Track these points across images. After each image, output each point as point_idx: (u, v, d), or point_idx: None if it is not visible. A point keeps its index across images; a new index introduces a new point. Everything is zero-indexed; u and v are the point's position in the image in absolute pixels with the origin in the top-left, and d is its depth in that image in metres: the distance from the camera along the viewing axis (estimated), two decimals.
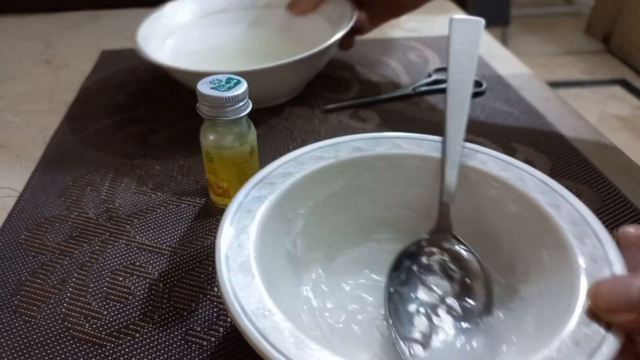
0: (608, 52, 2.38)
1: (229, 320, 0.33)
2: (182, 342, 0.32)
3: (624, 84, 2.13)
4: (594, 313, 0.24)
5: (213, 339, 0.32)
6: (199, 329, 0.32)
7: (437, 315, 0.30)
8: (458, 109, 0.36)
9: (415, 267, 0.32)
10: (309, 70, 0.56)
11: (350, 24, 0.54)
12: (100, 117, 0.56)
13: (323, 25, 0.61)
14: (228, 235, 0.28)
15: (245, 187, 0.31)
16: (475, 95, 0.60)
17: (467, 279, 0.31)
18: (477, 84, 0.62)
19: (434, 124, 0.54)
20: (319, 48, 0.51)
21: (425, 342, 0.29)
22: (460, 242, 0.32)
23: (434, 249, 0.33)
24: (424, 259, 0.33)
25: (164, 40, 0.59)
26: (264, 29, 0.65)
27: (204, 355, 0.31)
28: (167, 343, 0.32)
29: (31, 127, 0.55)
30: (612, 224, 0.40)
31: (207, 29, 0.64)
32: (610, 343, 0.22)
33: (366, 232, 0.36)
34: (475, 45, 0.39)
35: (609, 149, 0.50)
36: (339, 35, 0.53)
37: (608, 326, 0.23)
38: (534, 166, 0.45)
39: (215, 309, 0.34)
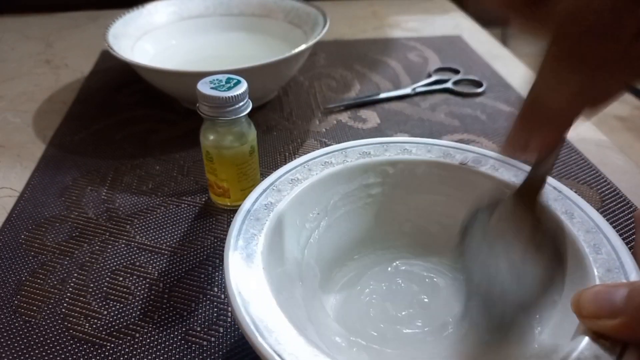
0: None
1: (229, 320, 0.33)
2: (182, 342, 0.32)
3: None
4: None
5: (213, 339, 0.32)
6: (199, 329, 0.32)
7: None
8: None
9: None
10: (280, 74, 0.55)
11: (323, 32, 0.54)
12: (100, 117, 0.56)
13: (295, 32, 0.61)
14: (237, 245, 0.27)
15: (252, 194, 0.31)
16: (475, 95, 0.60)
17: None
18: (477, 84, 0.62)
19: (434, 124, 0.54)
20: (295, 51, 0.50)
21: None
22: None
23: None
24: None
25: (136, 41, 0.59)
26: (237, 35, 0.65)
27: (204, 355, 0.31)
28: (167, 343, 0.32)
29: (31, 127, 0.55)
30: (612, 224, 0.40)
31: (181, 33, 0.64)
32: (632, 353, 0.22)
33: (375, 239, 0.35)
34: None
35: (609, 149, 0.50)
36: (313, 41, 0.53)
37: None
38: None
39: (215, 309, 0.34)
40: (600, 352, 0.22)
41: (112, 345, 0.31)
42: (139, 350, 0.31)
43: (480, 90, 0.60)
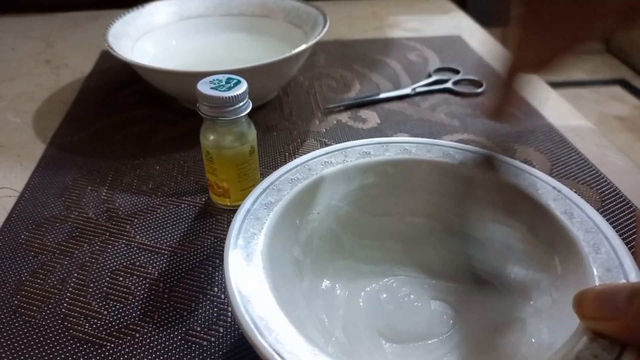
0: (608, 52, 2.38)
1: (229, 320, 0.33)
2: (182, 342, 0.32)
3: (624, 84, 2.13)
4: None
5: (213, 339, 0.32)
6: (199, 329, 0.32)
7: None
8: None
9: None
10: (280, 74, 0.55)
11: (323, 32, 0.54)
12: (100, 117, 0.56)
13: (295, 32, 0.61)
14: (236, 244, 0.27)
15: (252, 194, 0.31)
16: (475, 95, 0.60)
17: None
18: (477, 84, 0.62)
19: (434, 124, 0.54)
20: (295, 51, 0.50)
21: None
22: None
23: None
24: None
25: (136, 41, 0.59)
26: (237, 35, 0.65)
27: (204, 355, 0.31)
28: (167, 343, 0.32)
29: (31, 127, 0.55)
30: (612, 224, 0.40)
31: (181, 33, 0.64)
32: (630, 354, 0.22)
33: (374, 239, 0.35)
34: None
35: (609, 149, 0.50)
36: (313, 41, 0.52)
37: None
38: (533, 166, 0.46)
39: (215, 309, 0.34)
40: (599, 352, 0.22)
41: (112, 345, 0.31)
42: (139, 350, 0.31)
43: (480, 90, 0.60)
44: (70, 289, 0.35)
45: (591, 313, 0.23)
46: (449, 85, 0.61)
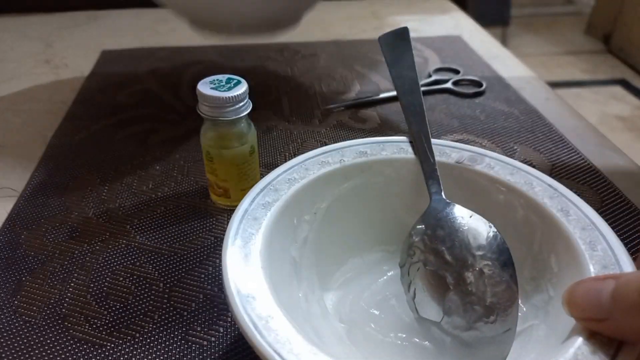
0: (608, 52, 2.38)
1: (229, 320, 0.33)
2: (182, 342, 0.32)
3: (624, 84, 2.13)
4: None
5: (213, 339, 0.32)
6: (199, 329, 0.32)
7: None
8: (417, 112, 0.38)
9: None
10: None
11: None
12: (100, 117, 0.56)
13: None
14: (235, 244, 0.27)
15: (250, 194, 0.31)
16: (475, 95, 0.60)
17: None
18: (477, 84, 0.62)
19: (434, 124, 0.54)
20: None
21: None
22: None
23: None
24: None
25: None
26: None
27: (204, 355, 0.31)
28: (167, 343, 0.32)
29: (31, 127, 0.55)
30: (612, 224, 0.40)
31: None
32: (629, 349, 0.22)
33: (372, 238, 0.35)
34: (408, 49, 0.42)
35: (609, 149, 0.50)
36: None
37: None
38: (533, 166, 0.46)
39: (215, 309, 0.34)
40: (596, 348, 0.22)
41: (112, 345, 0.31)
42: (139, 350, 0.31)
43: (480, 90, 0.60)
44: (70, 289, 0.35)
45: (579, 314, 0.23)
46: (448, 85, 0.61)
